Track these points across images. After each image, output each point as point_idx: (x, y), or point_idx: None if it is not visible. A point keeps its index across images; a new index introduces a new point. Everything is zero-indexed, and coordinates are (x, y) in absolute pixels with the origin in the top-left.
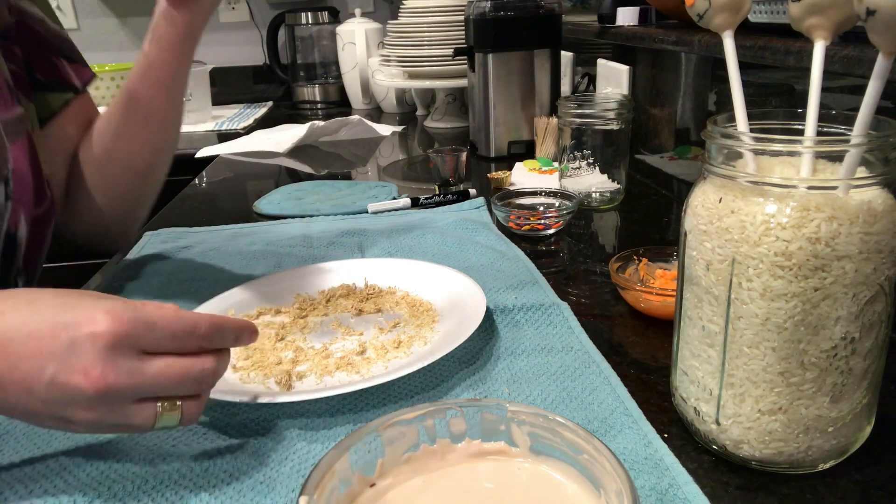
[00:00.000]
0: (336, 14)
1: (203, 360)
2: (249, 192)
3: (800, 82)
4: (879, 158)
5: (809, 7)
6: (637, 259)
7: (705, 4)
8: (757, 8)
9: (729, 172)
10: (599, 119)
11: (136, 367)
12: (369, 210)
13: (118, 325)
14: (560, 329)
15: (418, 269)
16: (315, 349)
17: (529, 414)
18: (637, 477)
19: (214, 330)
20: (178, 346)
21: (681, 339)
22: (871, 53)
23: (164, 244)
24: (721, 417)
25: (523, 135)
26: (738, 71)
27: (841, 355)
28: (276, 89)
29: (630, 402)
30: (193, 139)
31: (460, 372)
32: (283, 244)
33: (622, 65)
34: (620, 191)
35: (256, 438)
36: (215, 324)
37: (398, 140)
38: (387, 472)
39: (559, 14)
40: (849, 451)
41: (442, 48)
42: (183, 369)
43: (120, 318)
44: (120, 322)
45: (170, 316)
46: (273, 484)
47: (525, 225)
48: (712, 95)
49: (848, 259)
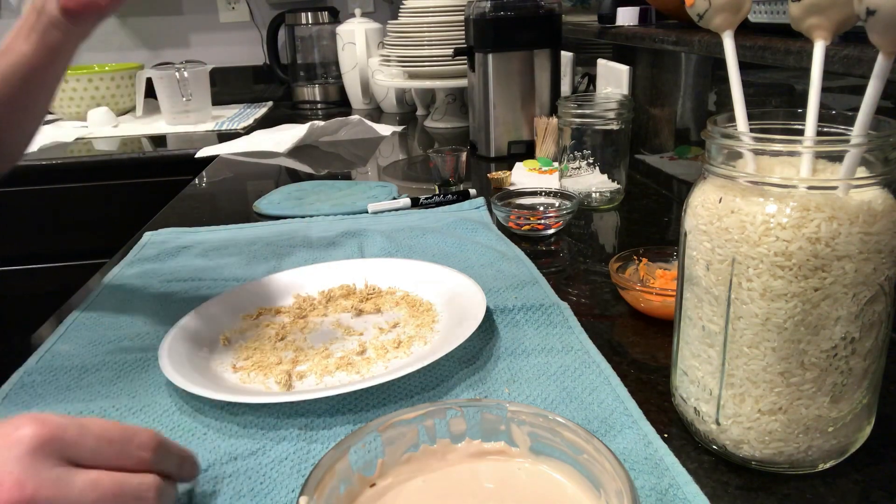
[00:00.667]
0: (336, 14)
1: (142, 476)
2: (249, 192)
3: (800, 82)
4: (879, 158)
5: (809, 7)
6: (637, 259)
7: (705, 4)
8: (757, 8)
9: (729, 172)
10: (599, 119)
11: (61, 478)
12: (369, 210)
13: (42, 427)
14: (560, 329)
15: (418, 269)
16: (315, 349)
17: (529, 414)
18: (637, 477)
19: (157, 444)
20: (114, 454)
21: (681, 339)
22: (871, 53)
23: (164, 244)
24: (721, 417)
25: (523, 135)
26: (738, 71)
27: (841, 355)
28: (276, 89)
29: (630, 402)
30: (193, 139)
31: (460, 372)
32: (283, 244)
33: (622, 65)
34: (620, 191)
35: (256, 438)
36: (159, 439)
37: (398, 140)
38: (387, 472)
39: (559, 14)
40: (849, 451)
41: (442, 48)
42: (117, 484)
43: (46, 420)
44: (45, 424)
45: (108, 423)
46: (273, 484)
47: (525, 225)
48: (712, 95)
49: (848, 259)
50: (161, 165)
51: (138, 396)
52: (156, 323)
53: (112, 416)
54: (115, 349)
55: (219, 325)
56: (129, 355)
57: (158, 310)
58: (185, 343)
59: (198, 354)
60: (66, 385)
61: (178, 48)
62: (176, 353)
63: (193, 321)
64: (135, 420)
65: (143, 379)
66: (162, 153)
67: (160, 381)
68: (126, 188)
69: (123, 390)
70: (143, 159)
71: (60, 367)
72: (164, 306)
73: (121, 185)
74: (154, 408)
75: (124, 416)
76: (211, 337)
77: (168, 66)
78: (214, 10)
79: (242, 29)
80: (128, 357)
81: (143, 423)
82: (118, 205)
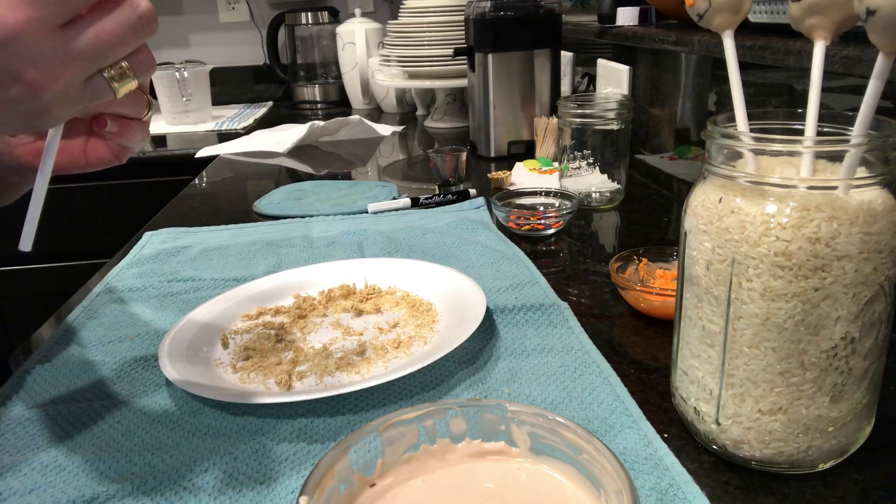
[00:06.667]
0: (336, 14)
1: (131, 4)
2: (249, 192)
3: (800, 82)
4: (879, 158)
5: (809, 7)
6: (637, 259)
7: (705, 4)
8: (757, 8)
9: (729, 172)
10: (599, 119)
11: (69, 51)
12: (369, 210)
13: (16, 17)
14: (560, 329)
15: (418, 269)
16: (315, 349)
17: (529, 414)
18: (637, 477)
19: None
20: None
21: (681, 339)
22: (871, 53)
23: (164, 244)
24: (721, 417)
25: (523, 135)
26: (738, 71)
27: (841, 355)
28: (276, 89)
29: (630, 402)
30: (193, 139)
31: (460, 372)
32: (283, 244)
33: (622, 65)
34: (620, 191)
35: (256, 438)
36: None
37: (398, 140)
38: (387, 472)
39: (559, 14)
40: (849, 451)
41: (442, 48)
42: (117, 25)
43: (6, 5)
44: (14, 12)
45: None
46: (273, 484)
47: (525, 225)
48: (712, 95)
49: (848, 259)
50: (161, 165)
51: (138, 396)
52: (156, 323)
53: (112, 415)
54: (115, 349)
55: (219, 325)
56: (128, 355)
57: (158, 310)
58: (184, 343)
59: (198, 354)
60: (66, 385)
61: (178, 48)
62: (176, 353)
63: (193, 321)
64: (135, 420)
65: (143, 379)
66: (162, 153)
67: (160, 381)
68: (126, 188)
69: (123, 390)
70: (143, 159)
71: (60, 367)
72: (164, 306)
73: (121, 185)
74: (154, 408)
75: (124, 416)
76: (211, 337)
77: (168, 66)
78: (214, 10)
79: (242, 29)
80: (127, 357)
81: (143, 423)
82: (118, 205)
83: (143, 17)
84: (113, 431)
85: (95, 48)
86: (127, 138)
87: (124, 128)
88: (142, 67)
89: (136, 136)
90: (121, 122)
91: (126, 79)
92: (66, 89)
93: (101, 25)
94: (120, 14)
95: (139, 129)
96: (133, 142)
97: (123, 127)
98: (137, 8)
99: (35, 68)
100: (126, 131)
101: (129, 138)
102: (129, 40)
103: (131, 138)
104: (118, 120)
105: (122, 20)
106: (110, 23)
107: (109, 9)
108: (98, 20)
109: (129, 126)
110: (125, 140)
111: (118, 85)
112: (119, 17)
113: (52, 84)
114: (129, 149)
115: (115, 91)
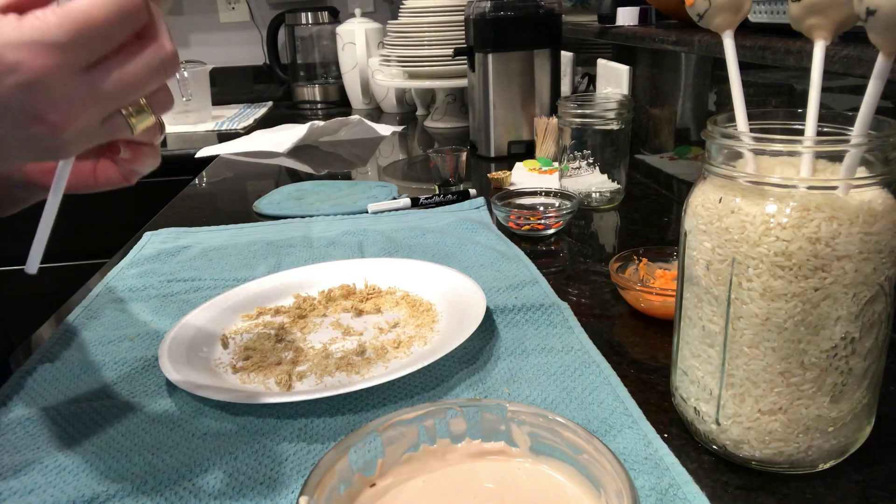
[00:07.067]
0: (336, 14)
1: (154, 48)
2: (249, 192)
3: (800, 82)
4: (879, 158)
5: (809, 7)
6: (637, 259)
7: (705, 4)
8: (757, 8)
9: (729, 172)
10: (599, 119)
11: (92, 91)
12: (369, 210)
13: (43, 62)
14: (560, 329)
15: (418, 269)
16: (315, 349)
17: (529, 414)
18: (637, 477)
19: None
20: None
21: (681, 339)
22: (871, 53)
23: (164, 244)
24: (721, 417)
25: (523, 135)
26: (738, 71)
27: (841, 355)
28: (276, 89)
29: (630, 402)
30: (193, 139)
31: (460, 372)
32: (283, 244)
33: (622, 65)
34: (620, 191)
35: (256, 438)
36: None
37: (398, 140)
38: (387, 472)
39: (559, 14)
40: (849, 451)
41: (442, 48)
42: (141, 68)
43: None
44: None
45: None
46: (273, 484)
47: (525, 225)
48: (712, 95)
49: (848, 259)
50: (161, 165)
51: (138, 396)
52: (156, 323)
53: (112, 415)
54: (115, 349)
55: (219, 326)
56: (128, 355)
57: (158, 310)
58: (185, 343)
59: (198, 354)
60: (66, 385)
61: (178, 48)
62: (176, 353)
63: (193, 321)
64: (135, 420)
65: (143, 379)
66: (162, 153)
67: (160, 381)
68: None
69: (123, 390)
70: None
71: (60, 367)
72: (164, 306)
73: None
74: (154, 408)
75: (124, 416)
76: (211, 337)
77: None
78: (214, 10)
79: (242, 29)
80: (128, 357)
81: (143, 423)
82: (118, 205)
83: (166, 60)
84: (113, 431)
85: (118, 90)
86: (139, 164)
87: (137, 154)
88: (160, 105)
89: (147, 161)
90: (133, 147)
91: (144, 115)
92: (86, 128)
93: (125, 69)
94: (144, 57)
95: (151, 155)
96: (145, 166)
97: (136, 153)
98: (162, 50)
99: (57, 110)
100: (139, 157)
101: (141, 164)
102: (151, 82)
103: (143, 164)
104: (131, 146)
105: (146, 63)
106: (134, 66)
107: (134, 51)
108: (122, 63)
109: (141, 152)
110: (137, 165)
111: (136, 121)
112: (143, 59)
113: (73, 124)
114: (139, 172)
115: (133, 127)
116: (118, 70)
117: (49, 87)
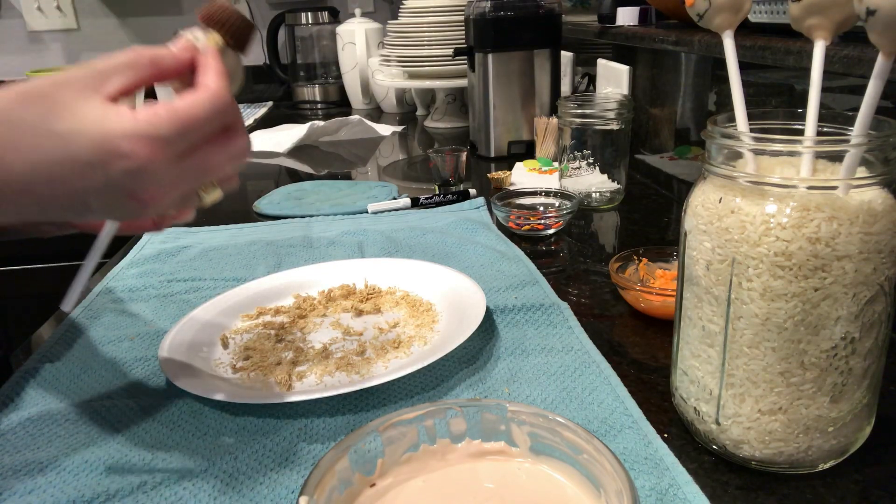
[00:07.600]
0: (336, 14)
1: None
2: (249, 192)
3: (800, 82)
4: (879, 158)
5: (809, 7)
6: (637, 259)
7: (705, 4)
8: (757, 8)
9: (729, 172)
10: (599, 119)
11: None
12: (369, 210)
13: (150, 153)
14: (560, 329)
15: (418, 269)
16: (315, 349)
17: (529, 414)
18: (637, 477)
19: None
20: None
21: (681, 339)
22: (871, 53)
23: (164, 244)
24: (721, 417)
25: (523, 135)
26: (738, 71)
27: (841, 355)
28: (276, 89)
29: (630, 402)
30: None
31: (460, 372)
32: (283, 244)
33: (622, 65)
34: (620, 191)
35: (256, 438)
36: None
37: (398, 140)
38: (387, 472)
39: (559, 14)
40: (849, 451)
41: (442, 48)
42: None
43: (145, 143)
44: (151, 149)
45: (191, 111)
46: (273, 484)
47: (525, 225)
48: (712, 95)
49: (848, 259)
50: None
51: (138, 396)
52: (156, 323)
53: (112, 415)
54: (115, 349)
55: (219, 326)
56: (128, 355)
57: (158, 310)
58: (185, 343)
59: (198, 354)
60: (66, 385)
61: None
62: (176, 353)
63: (193, 321)
64: (135, 420)
65: (143, 379)
66: None
67: (160, 381)
68: None
69: (123, 390)
70: None
71: (60, 367)
72: (164, 306)
73: None
74: (154, 408)
75: (124, 416)
76: (211, 337)
77: None
78: None
79: None
80: (128, 357)
81: (143, 423)
82: None
83: (244, 151)
84: (113, 431)
85: (203, 175)
86: (180, 219)
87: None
88: (227, 182)
89: (187, 217)
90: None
91: (213, 190)
92: (169, 203)
93: (210, 158)
94: (227, 149)
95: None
96: (182, 220)
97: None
98: (242, 143)
99: (149, 191)
100: (182, 215)
101: (181, 219)
102: (228, 169)
103: (184, 219)
104: None
105: (228, 154)
106: (217, 156)
107: (222, 143)
108: (210, 153)
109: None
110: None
111: (206, 195)
112: (226, 151)
113: (160, 201)
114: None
115: (203, 199)
116: (206, 159)
117: (151, 173)
